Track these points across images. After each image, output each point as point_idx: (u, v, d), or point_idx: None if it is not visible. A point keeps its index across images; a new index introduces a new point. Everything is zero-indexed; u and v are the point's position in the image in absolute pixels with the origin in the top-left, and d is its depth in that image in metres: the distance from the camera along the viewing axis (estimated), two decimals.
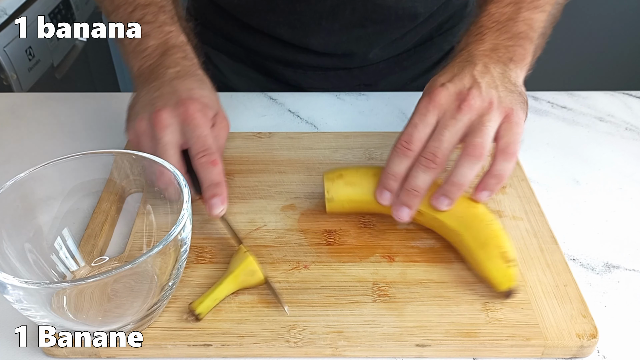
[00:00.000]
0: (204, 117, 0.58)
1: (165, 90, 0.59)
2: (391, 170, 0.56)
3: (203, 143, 0.57)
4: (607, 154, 0.75)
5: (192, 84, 0.60)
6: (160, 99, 0.59)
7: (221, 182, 0.56)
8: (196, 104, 0.58)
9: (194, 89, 0.60)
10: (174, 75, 0.61)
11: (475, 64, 0.57)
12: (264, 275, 0.53)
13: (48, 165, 0.52)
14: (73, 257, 0.55)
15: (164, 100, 0.58)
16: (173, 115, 0.57)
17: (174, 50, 0.64)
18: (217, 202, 0.56)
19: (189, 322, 0.51)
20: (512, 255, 0.53)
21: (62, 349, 0.49)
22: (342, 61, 0.90)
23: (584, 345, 0.49)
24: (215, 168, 0.56)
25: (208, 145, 0.57)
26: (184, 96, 0.58)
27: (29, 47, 1.34)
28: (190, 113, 0.57)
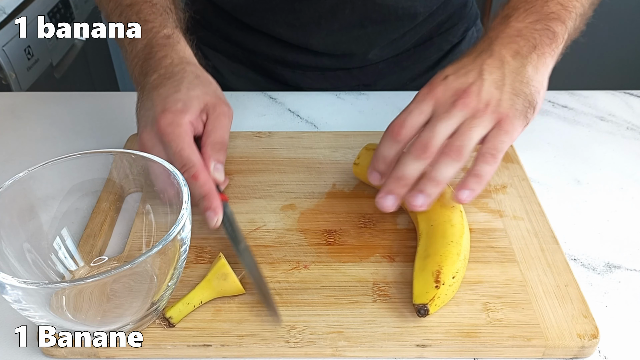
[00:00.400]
0: (178, 128, 0.56)
1: (146, 106, 0.59)
2: (380, 153, 0.56)
3: (179, 159, 0.56)
4: (608, 154, 0.75)
5: (167, 90, 0.59)
6: (143, 117, 0.59)
7: (208, 194, 0.56)
8: (167, 116, 0.56)
9: (167, 97, 0.58)
10: (153, 84, 0.60)
11: (491, 55, 0.56)
12: (238, 279, 0.52)
13: (47, 164, 0.52)
14: (72, 257, 0.55)
15: (145, 119, 0.59)
16: (152, 136, 0.57)
17: (155, 51, 0.63)
18: (210, 215, 0.56)
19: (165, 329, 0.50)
20: (444, 279, 0.51)
21: (61, 349, 0.49)
22: (342, 61, 0.90)
23: (585, 346, 0.49)
24: (197, 182, 0.55)
25: (185, 160, 0.56)
26: (157, 110, 0.57)
27: (28, 46, 1.34)
28: (162, 129, 0.56)
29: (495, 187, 0.66)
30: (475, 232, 0.60)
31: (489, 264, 0.56)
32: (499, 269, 0.56)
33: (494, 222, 0.61)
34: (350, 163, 0.69)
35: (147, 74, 0.61)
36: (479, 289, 0.54)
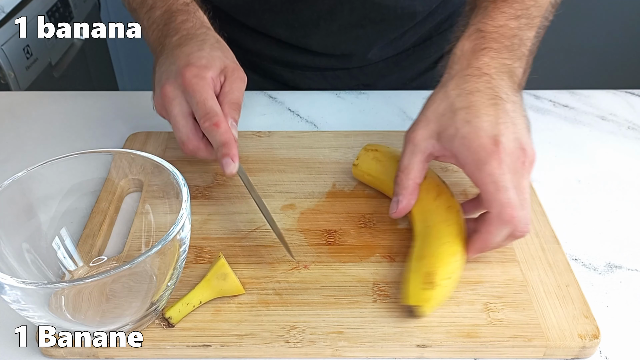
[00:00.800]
0: (202, 81, 0.58)
1: (168, 62, 0.61)
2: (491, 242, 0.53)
3: (203, 108, 0.58)
4: (610, 153, 0.75)
5: (191, 48, 0.61)
6: (165, 72, 0.60)
7: (228, 142, 0.57)
8: (192, 69, 0.58)
9: (191, 53, 0.60)
10: (175, 43, 0.62)
11: (505, 100, 0.54)
12: (238, 280, 0.52)
13: (46, 164, 0.52)
14: (71, 257, 0.55)
15: (168, 73, 0.60)
16: (175, 87, 0.59)
17: (175, 15, 0.65)
18: (227, 161, 0.57)
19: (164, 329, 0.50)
20: (436, 279, 0.50)
21: (60, 349, 0.49)
22: (341, 61, 0.90)
23: (586, 346, 0.49)
24: (219, 129, 0.57)
25: (208, 109, 0.57)
26: (181, 64, 0.59)
27: (27, 45, 1.34)
28: (187, 80, 0.58)
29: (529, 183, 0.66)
30: None
31: (490, 264, 0.56)
32: (500, 269, 0.56)
33: None
34: (350, 163, 0.69)
35: (169, 35, 0.64)
36: (480, 289, 0.54)
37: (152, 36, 0.67)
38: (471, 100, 0.53)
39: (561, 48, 2.13)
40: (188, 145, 0.59)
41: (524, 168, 0.52)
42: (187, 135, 0.59)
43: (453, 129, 0.53)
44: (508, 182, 0.50)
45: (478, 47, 0.57)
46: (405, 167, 0.56)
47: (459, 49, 0.58)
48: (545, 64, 2.16)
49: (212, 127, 0.57)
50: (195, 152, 0.60)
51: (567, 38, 2.10)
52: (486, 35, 0.58)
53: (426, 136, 0.55)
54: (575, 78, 2.23)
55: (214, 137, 0.57)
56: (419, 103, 0.57)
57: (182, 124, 0.59)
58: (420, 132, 0.55)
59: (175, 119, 0.59)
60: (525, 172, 0.52)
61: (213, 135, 0.57)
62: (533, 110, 0.83)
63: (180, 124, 0.59)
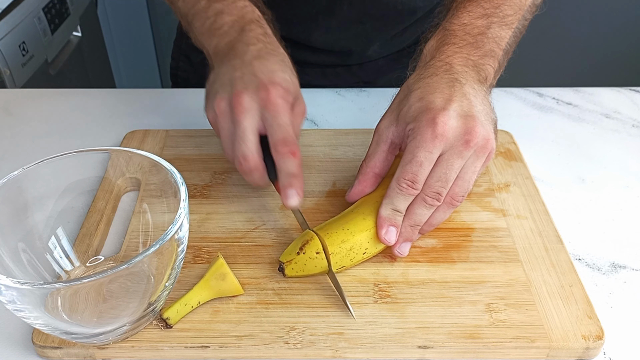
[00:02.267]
0: (285, 104, 0.56)
1: (246, 71, 0.58)
2: (397, 208, 0.54)
3: (284, 132, 0.55)
4: (614, 152, 0.75)
5: (274, 66, 0.58)
6: (240, 80, 0.57)
7: (299, 174, 0.56)
8: (278, 89, 0.56)
9: (275, 72, 0.57)
10: (255, 54, 0.59)
11: (463, 83, 0.55)
12: (237, 280, 0.52)
13: (42, 163, 0.52)
14: (68, 257, 0.55)
15: (245, 82, 0.57)
16: (254, 99, 0.56)
17: (252, 26, 0.62)
18: (293, 193, 0.56)
19: (162, 330, 0.50)
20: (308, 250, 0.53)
21: (56, 350, 0.49)
22: (341, 58, 0.90)
23: (590, 347, 0.49)
24: (295, 159, 0.55)
25: (289, 135, 0.55)
26: (265, 80, 0.56)
27: (23, 42, 1.34)
28: (272, 99, 0.55)
29: (498, 186, 0.66)
30: (478, 232, 0.60)
31: (492, 264, 0.56)
32: (502, 269, 0.56)
33: (497, 221, 0.61)
34: (351, 161, 0.69)
35: (243, 43, 0.60)
36: (482, 289, 0.54)
37: (216, 40, 0.63)
38: (427, 82, 0.55)
39: (565, 45, 2.13)
40: (250, 163, 0.56)
41: (467, 147, 0.52)
42: (252, 151, 0.56)
43: (407, 106, 0.55)
44: (424, 159, 0.52)
45: (441, 43, 0.59)
46: (368, 156, 0.58)
47: (426, 48, 0.60)
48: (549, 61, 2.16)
49: (289, 154, 0.55)
50: (252, 172, 0.57)
51: (570, 35, 2.10)
52: (450, 32, 0.59)
53: (387, 124, 0.57)
54: (579, 75, 2.23)
55: (286, 165, 0.55)
56: None
57: (251, 138, 0.56)
58: (383, 122, 0.58)
59: (245, 132, 0.56)
60: (467, 151, 0.52)
61: (287, 163, 0.55)
62: (536, 108, 0.83)
63: (248, 137, 0.56)
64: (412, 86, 0.56)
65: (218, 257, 0.53)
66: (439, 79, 0.55)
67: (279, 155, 0.55)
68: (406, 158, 0.53)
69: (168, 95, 0.88)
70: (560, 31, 2.06)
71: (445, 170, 0.53)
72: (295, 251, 0.54)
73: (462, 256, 0.57)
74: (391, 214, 0.55)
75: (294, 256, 0.54)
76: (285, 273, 0.54)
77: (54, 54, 1.51)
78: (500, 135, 0.73)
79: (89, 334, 0.47)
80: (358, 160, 0.70)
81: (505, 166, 0.69)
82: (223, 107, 0.57)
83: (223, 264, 0.52)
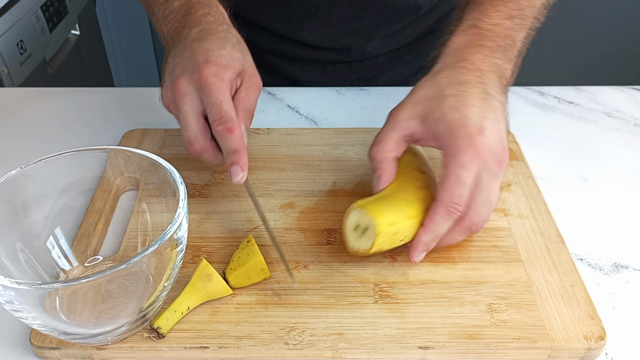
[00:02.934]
0: (220, 81, 0.56)
1: (185, 55, 0.59)
2: (439, 233, 0.54)
3: (218, 110, 0.56)
4: (616, 151, 0.75)
5: (212, 44, 0.58)
6: (180, 65, 0.58)
7: (239, 150, 0.56)
8: (211, 67, 0.56)
9: (212, 50, 0.58)
10: (195, 36, 0.60)
11: (493, 96, 0.55)
12: (223, 280, 0.52)
13: (40, 162, 0.52)
14: (66, 256, 0.55)
15: (183, 66, 0.58)
16: (190, 82, 0.57)
17: (196, 7, 0.62)
18: (236, 170, 0.55)
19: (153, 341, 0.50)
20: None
21: (54, 351, 0.49)
22: (341, 55, 0.90)
23: (592, 348, 0.49)
24: (232, 135, 0.55)
25: (223, 112, 0.56)
26: (200, 60, 0.57)
27: (21, 40, 1.34)
28: (204, 78, 0.56)
29: (500, 185, 0.66)
30: (479, 231, 0.60)
31: (493, 264, 0.56)
32: (504, 269, 0.56)
33: (498, 221, 0.61)
34: (351, 160, 0.69)
35: (187, 27, 0.61)
36: (483, 289, 0.54)
37: (167, 27, 0.64)
38: (461, 90, 0.54)
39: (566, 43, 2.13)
40: (195, 145, 0.57)
41: (500, 168, 0.53)
42: (195, 134, 0.57)
43: (440, 112, 0.54)
44: (469, 180, 0.52)
45: (473, 43, 0.58)
46: (380, 141, 0.57)
47: (454, 43, 0.59)
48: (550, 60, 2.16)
49: (226, 131, 0.55)
50: (201, 154, 0.58)
51: (572, 33, 2.10)
52: (481, 32, 0.58)
53: (410, 116, 0.56)
54: (581, 74, 2.23)
55: (225, 143, 0.56)
56: None
57: (192, 122, 0.57)
58: (405, 112, 0.56)
59: (186, 116, 0.57)
60: (500, 172, 0.53)
61: (225, 140, 0.56)
62: (537, 107, 0.83)
63: (190, 122, 0.57)
64: (444, 88, 0.55)
65: (201, 259, 0.53)
66: (472, 88, 0.54)
67: (217, 134, 0.56)
68: (450, 179, 0.52)
69: None
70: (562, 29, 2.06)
71: (488, 195, 0.53)
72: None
73: (463, 256, 0.57)
74: (431, 240, 0.54)
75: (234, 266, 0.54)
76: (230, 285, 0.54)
77: (52, 52, 1.51)
78: None
79: (88, 334, 0.47)
80: (358, 159, 0.70)
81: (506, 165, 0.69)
82: (169, 95, 0.59)
83: (207, 265, 0.52)
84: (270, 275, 0.54)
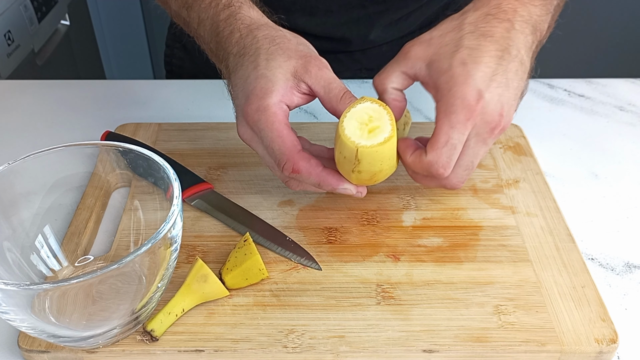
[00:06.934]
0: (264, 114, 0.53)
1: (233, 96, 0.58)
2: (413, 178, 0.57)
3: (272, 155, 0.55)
4: (628, 146, 0.75)
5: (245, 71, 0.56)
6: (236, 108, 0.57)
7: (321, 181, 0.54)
8: (251, 104, 0.54)
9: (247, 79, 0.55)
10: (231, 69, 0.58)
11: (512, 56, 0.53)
12: (219, 281, 0.52)
13: (28, 158, 0.52)
14: (55, 256, 0.55)
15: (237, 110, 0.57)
16: (246, 128, 0.56)
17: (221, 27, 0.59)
18: (343, 190, 0.55)
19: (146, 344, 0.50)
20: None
21: (43, 354, 0.49)
22: (342, 44, 0.90)
23: (603, 351, 0.49)
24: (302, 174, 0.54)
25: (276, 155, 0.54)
26: (241, 98, 0.55)
27: (8, 31, 1.33)
28: (250, 121, 0.54)
29: (507, 182, 0.66)
30: (486, 230, 0.60)
31: (501, 264, 0.56)
32: (512, 269, 0.56)
33: (506, 219, 0.61)
34: None
35: (223, 59, 0.59)
36: (490, 290, 0.54)
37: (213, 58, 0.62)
38: (479, 43, 0.53)
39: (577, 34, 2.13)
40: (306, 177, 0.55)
41: (491, 135, 0.53)
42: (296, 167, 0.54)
43: (447, 63, 0.53)
44: (459, 143, 0.53)
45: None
46: (383, 71, 0.58)
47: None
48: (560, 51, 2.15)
49: (292, 176, 0.54)
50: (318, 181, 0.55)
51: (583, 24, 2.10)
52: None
53: (419, 56, 0.56)
54: (592, 66, 2.23)
55: (303, 183, 0.56)
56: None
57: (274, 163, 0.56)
58: (415, 50, 0.56)
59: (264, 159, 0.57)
60: (490, 139, 0.54)
61: (301, 182, 0.55)
62: (547, 100, 0.83)
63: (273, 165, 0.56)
64: (463, 37, 0.54)
65: (197, 259, 0.53)
66: (491, 44, 0.53)
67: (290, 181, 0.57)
68: (440, 139, 0.52)
69: (160, 86, 0.88)
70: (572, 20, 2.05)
71: (472, 159, 0.54)
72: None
73: (469, 256, 0.57)
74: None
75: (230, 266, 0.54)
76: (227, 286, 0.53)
77: (41, 43, 1.51)
78: (509, 129, 0.73)
79: (78, 337, 0.47)
80: None
81: (514, 161, 0.69)
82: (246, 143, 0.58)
83: (203, 265, 0.52)
84: (268, 276, 0.54)
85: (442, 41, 0.55)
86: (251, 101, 0.54)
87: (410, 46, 0.56)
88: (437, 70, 0.54)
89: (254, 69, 0.55)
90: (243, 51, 0.57)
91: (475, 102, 0.51)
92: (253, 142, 0.56)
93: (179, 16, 0.66)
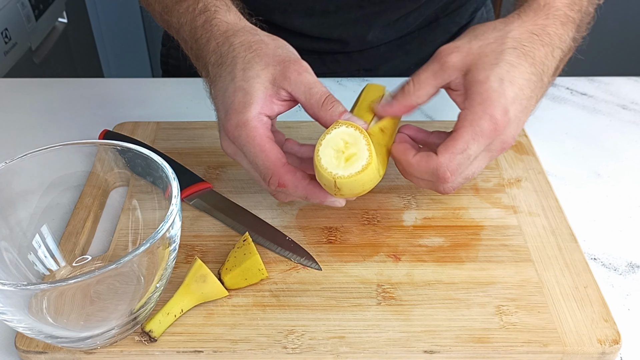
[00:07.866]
0: (244, 130, 0.53)
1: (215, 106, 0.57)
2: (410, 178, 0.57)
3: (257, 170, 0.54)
4: (631, 145, 0.75)
5: (223, 83, 0.55)
6: (218, 121, 0.57)
7: (308, 194, 0.54)
8: (231, 120, 0.53)
9: (226, 92, 0.55)
10: (211, 80, 0.57)
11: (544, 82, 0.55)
12: (218, 282, 0.52)
13: (26, 157, 0.52)
14: (53, 256, 0.55)
15: (219, 124, 0.56)
16: (228, 142, 0.55)
17: (198, 35, 0.59)
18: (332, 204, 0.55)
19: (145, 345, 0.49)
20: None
21: (41, 355, 0.49)
22: (339, 45, 0.90)
23: (606, 352, 0.49)
24: (288, 188, 0.54)
25: (261, 170, 0.54)
26: (222, 113, 0.55)
27: (5, 29, 1.33)
28: (232, 136, 0.54)
29: (509, 181, 0.66)
30: (488, 230, 0.60)
31: (503, 264, 0.56)
32: (513, 269, 0.56)
33: (508, 218, 0.61)
34: None
35: (203, 68, 0.59)
36: (492, 290, 0.54)
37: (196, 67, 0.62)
38: (520, 62, 0.54)
39: None
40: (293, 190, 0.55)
41: (499, 152, 0.55)
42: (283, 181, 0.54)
43: (484, 75, 0.53)
44: (473, 153, 0.53)
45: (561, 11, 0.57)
46: (420, 85, 0.56)
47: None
48: None
49: (278, 189, 0.54)
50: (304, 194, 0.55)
51: None
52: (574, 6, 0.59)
53: (459, 66, 0.55)
54: (594, 64, 2.22)
55: (289, 196, 0.56)
56: None
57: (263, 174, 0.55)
58: (455, 59, 0.55)
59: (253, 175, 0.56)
60: (496, 156, 0.55)
61: (287, 195, 0.55)
62: (549, 99, 0.83)
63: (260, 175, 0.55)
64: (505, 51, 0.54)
65: (196, 259, 0.53)
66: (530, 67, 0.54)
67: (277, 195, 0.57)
68: (458, 146, 0.52)
69: (159, 85, 0.88)
70: None
71: (474, 171, 0.55)
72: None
73: (470, 256, 0.57)
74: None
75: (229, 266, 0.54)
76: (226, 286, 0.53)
77: (39, 41, 1.51)
78: None
79: (76, 337, 0.47)
80: None
81: (516, 160, 0.69)
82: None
83: (202, 265, 0.52)
84: (267, 276, 0.54)
85: (483, 51, 0.54)
86: (230, 117, 0.53)
87: (448, 54, 0.55)
88: (472, 79, 0.54)
89: (232, 81, 0.54)
90: (220, 60, 0.56)
91: (502, 122, 0.52)
92: (237, 157, 0.56)
93: (162, 19, 0.66)
